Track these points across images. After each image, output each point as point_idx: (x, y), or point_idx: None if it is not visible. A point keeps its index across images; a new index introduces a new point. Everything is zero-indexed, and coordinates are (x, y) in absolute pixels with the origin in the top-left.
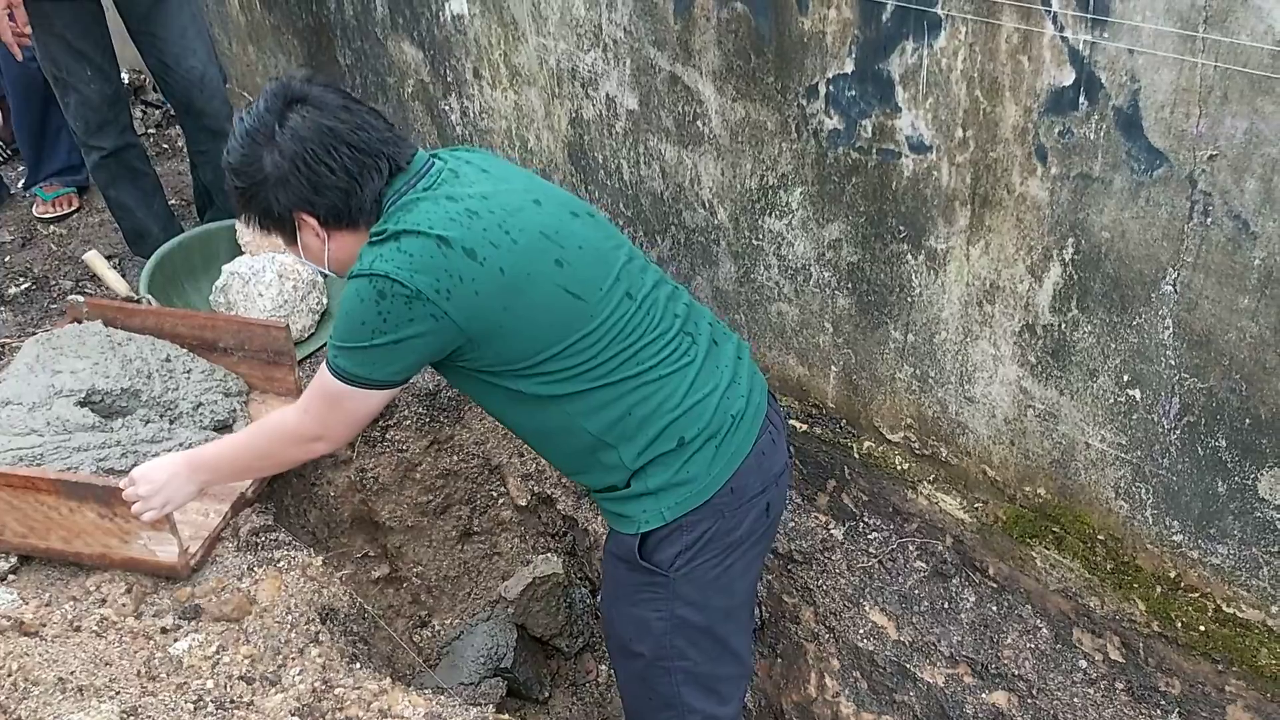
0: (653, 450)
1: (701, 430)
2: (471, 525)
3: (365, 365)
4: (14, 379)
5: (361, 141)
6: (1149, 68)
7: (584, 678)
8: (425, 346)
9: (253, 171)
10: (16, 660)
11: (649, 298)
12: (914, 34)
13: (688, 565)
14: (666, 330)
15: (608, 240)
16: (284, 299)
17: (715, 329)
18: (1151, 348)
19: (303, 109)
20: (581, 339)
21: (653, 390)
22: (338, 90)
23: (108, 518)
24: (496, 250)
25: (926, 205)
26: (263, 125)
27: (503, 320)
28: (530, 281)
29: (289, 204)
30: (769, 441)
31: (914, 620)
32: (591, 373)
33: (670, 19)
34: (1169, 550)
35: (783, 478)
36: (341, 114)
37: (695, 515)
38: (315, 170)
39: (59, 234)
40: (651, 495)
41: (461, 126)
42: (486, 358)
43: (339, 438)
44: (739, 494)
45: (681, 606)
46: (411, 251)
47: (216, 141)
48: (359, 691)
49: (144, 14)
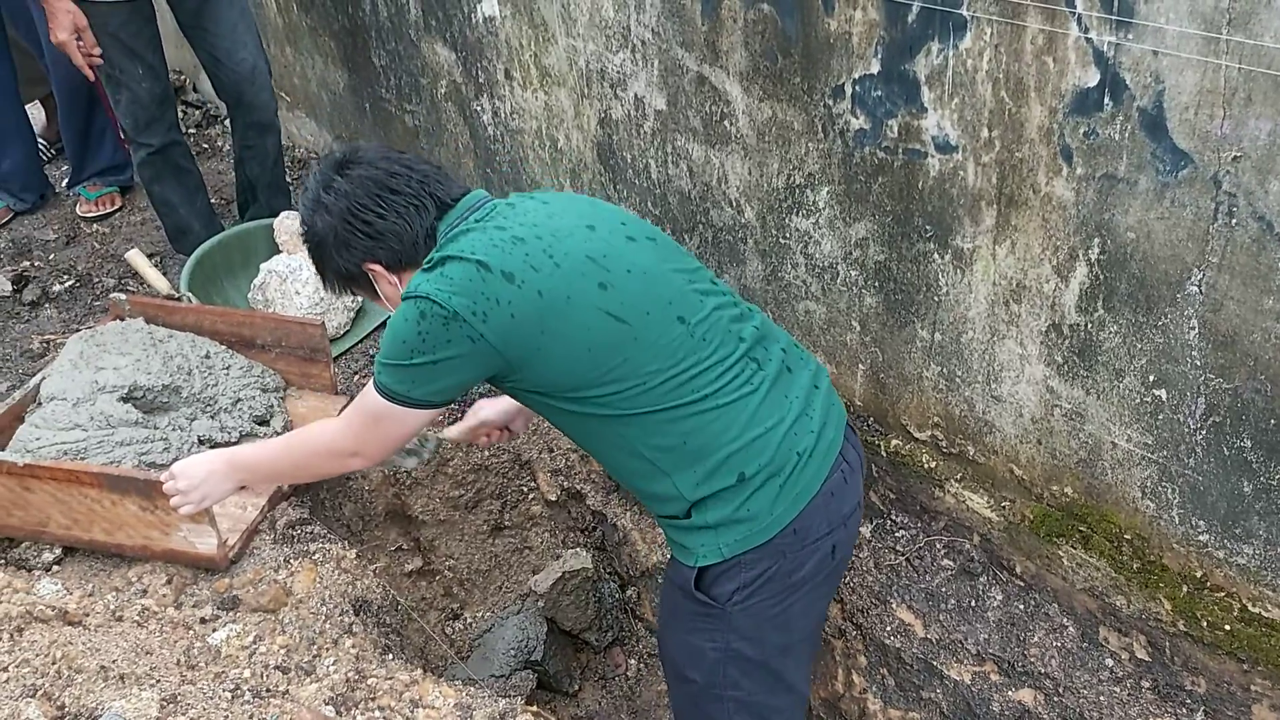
0: (711, 483)
1: (764, 466)
2: (502, 519)
3: (405, 383)
4: (59, 375)
5: (402, 184)
6: (1173, 69)
7: (613, 671)
8: (462, 368)
9: (313, 237)
10: (60, 649)
11: (705, 321)
12: (939, 35)
13: (745, 601)
14: (726, 356)
15: (666, 263)
16: (320, 297)
17: (790, 355)
18: (1177, 348)
19: (348, 169)
20: (624, 362)
21: (709, 419)
22: (382, 146)
23: (149, 510)
24: (536, 274)
25: (953, 205)
26: (313, 194)
27: (540, 343)
28: (569, 304)
29: (355, 259)
30: (840, 481)
31: (941, 618)
32: (641, 398)
33: (698, 20)
34: (1195, 550)
35: (852, 519)
36: (381, 163)
37: (755, 554)
38: (365, 219)
39: (102, 232)
40: (711, 529)
41: (493, 127)
42: (530, 380)
43: (374, 455)
44: (803, 535)
45: (736, 639)
46: (452, 275)
47: (264, 135)
48: (391, 682)
49: (195, 9)
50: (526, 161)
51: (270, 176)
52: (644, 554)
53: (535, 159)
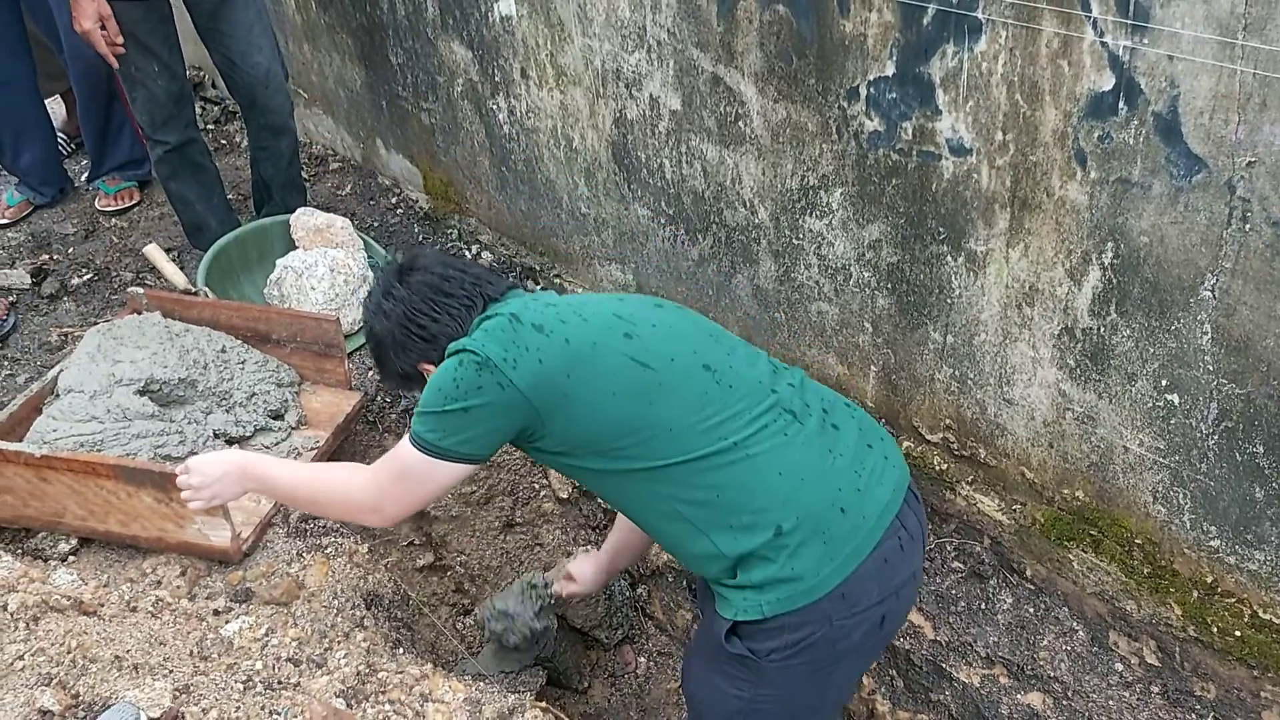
0: (750, 538)
1: (802, 520)
2: (514, 516)
3: (435, 431)
4: (76, 367)
5: (455, 287)
6: (1188, 74)
7: (623, 669)
8: (493, 417)
9: (373, 339)
10: (75, 638)
11: (733, 371)
12: (955, 38)
13: (783, 661)
14: (755, 405)
15: (692, 323)
16: (335, 293)
17: (834, 413)
18: (1190, 353)
19: (408, 276)
20: (650, 409)
21: (740, 470)
22: (441, 253)
23: (164, 502)
24: (565, 325)
25: (966, 207)
26: (375, 300)
27: (567, 388)
28: (595, 351)
29: (411, 361)
30: (895, 547)
31: (951, 620)
32: (668, 446)
33: (713, 21)
34: (1206, 555)
35: (905, 590)
36: (437, 268)
37: (799, 616)
38: (420, 324)
39: (120, 227)
40: (755, 588)
41: (508, 125)
42: (558, 434)
43: (390, 514)
44: (851, 601)
45: (765, 693)
46: (488, 329)
47: (278, 137)
48: (401, 676)
49: (211, 11)
50: (541, 160)
51: (285, 176)
52: (654, 552)
53: (550, 158)
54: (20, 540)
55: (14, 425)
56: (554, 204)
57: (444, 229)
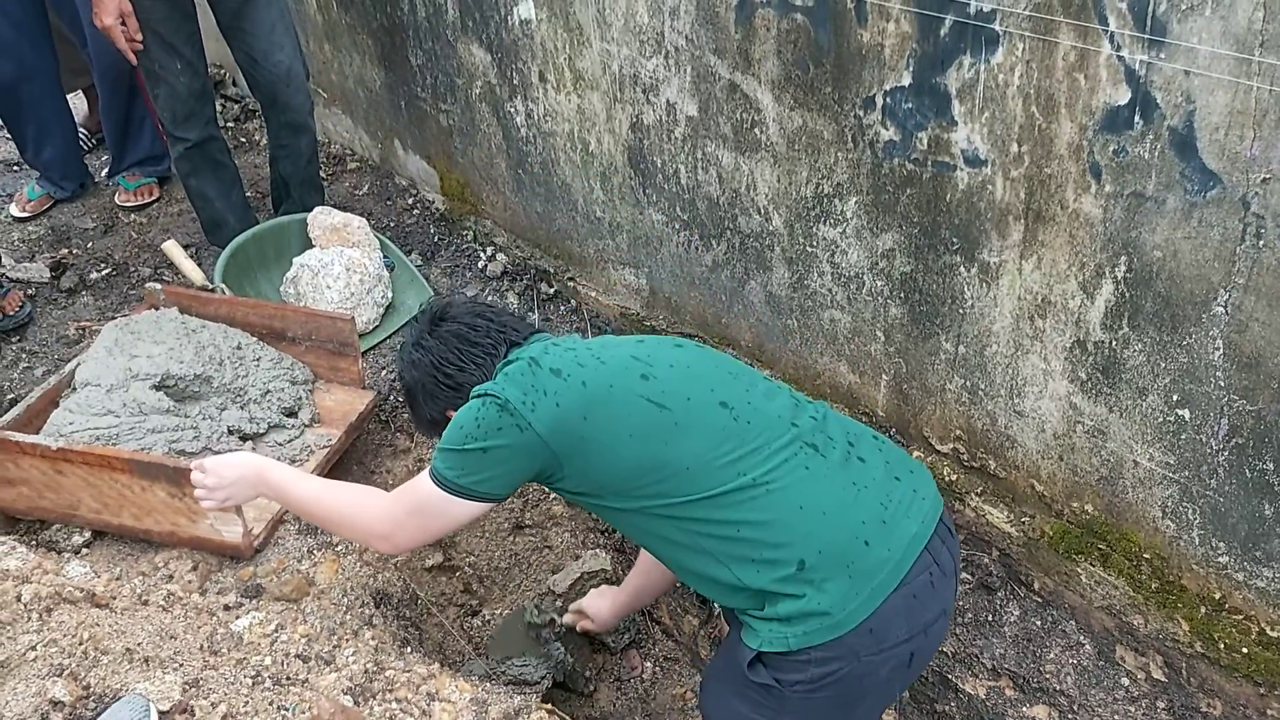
0: (772, 572)
1: (825, 554)
2: (523, 518)
3: (455, 469)
4: (93, 361)
5: (481, 335)
6: (1204, 89)
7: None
8: (511, 459)
9: (405, 388)
10: (88, 630)
11: (750, 408)
12: (971, 49)
13: (807, 694)
14: (774, 439)
15: (710, 362)
16: (351, 292)
17: (859, 445)
18: (1201, 368)
19: (439, 326)
20: (666, 448)
21: (761, 505)
22: (472, 302)
23: (177, 497)
24: (582, 369)
25: (980, 218)
26: (408, 349)
27: (584, 430)
28: (611, 393)
29: (439, 408)
30: (925, 583)
31: (957, 631)
32: (688, 485)
33: (731, 28)
34: (1214, 571)
35: (934, 628)
36: (465, 318)
37: (826, 650)
38: (447, 373)
39: (139, 222)
40: (781, 621)
41: (526, 128)
42: (576, 476)
43: (403, 543)
44: (879, 637)
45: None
46: (509, 373)
47: (297, 136)
48: (409, 675)
49: (235, 10)
50: (558, 164)
51: (304, 175)
52: None
53: (567, 161)
54: (35, 532)
55: (31, 418)
56: (569, 207)
57: (459, 230)
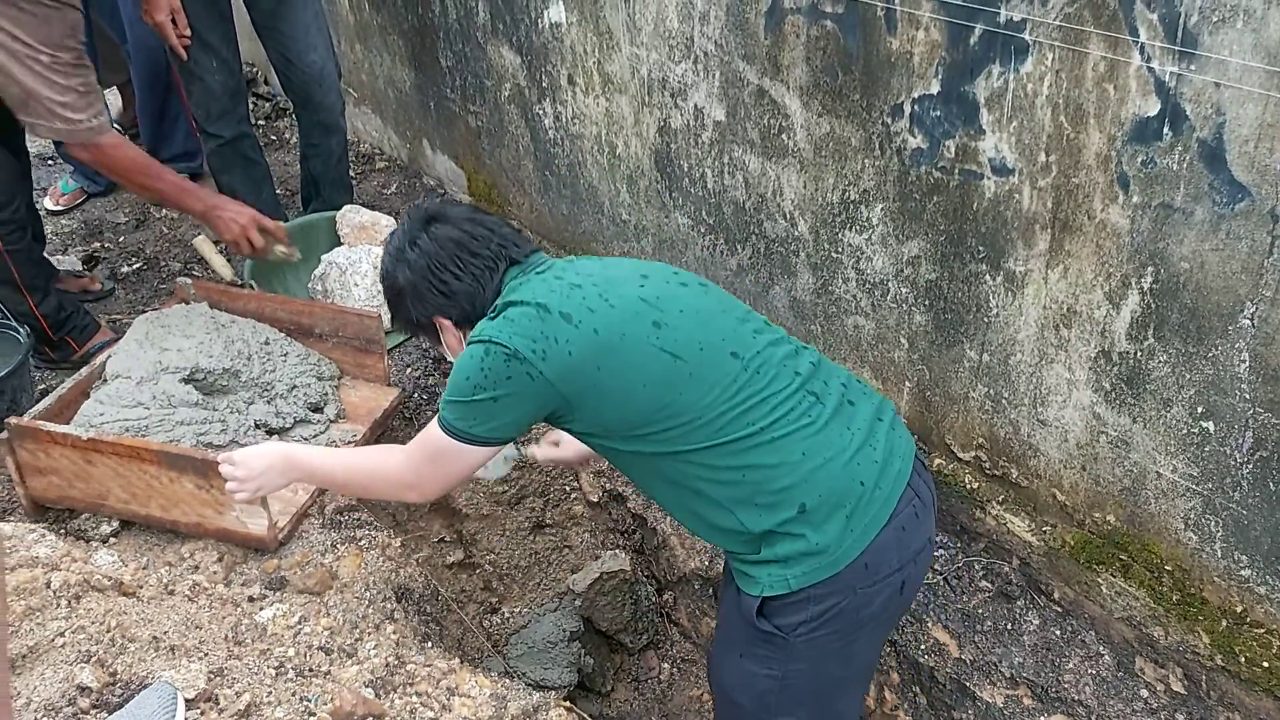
0: (774, 515)
1: (824, 498)
2: (544, 517)
3: (466, 419)
4: (124, 354)
5: (482, 247)
6: (1234, 101)
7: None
8: (522, 405)
9: (392, 285)
10: (115, 618)
11: (759, 357)
12: (1001, 58)
13: (809, 635)
14: (781, 389)
15: (718, 306)
16: (377, 289)
17: (850, 389)
18: (1227, 380)
19: (434, 226)
20: (682, 397)
21: (767, 452)
22: (468, 206)
23: (204, 489)
24: (592, 314)
25: (1006, 227)
26: (399, 245)
27: (597, 379)
28: (625, 341)
29: (426, 312)
30: (910, 515)
31: (976, 639)
32: (699, 432)
33: (760, 34)
34: (1236, 584)
35: (922, 555)
36: (465, 224)
37: (824, 588)
38: (441, 279)
39: (170, 217)
40: (779, 562)
41: (554, 130)
42: (587, 419)
43: (429, 491)
44: (873, 570)
45: (794, 669)
46: (514, 318)
47: (329, 135)
48: (429, 669)
49: (270, 10)
50: (585, 166)
51: (334, 174)
52: (682, 559)
53: (593, 164)
54: (63, 521)
55: (63, 408)
56: (595, 209)
57: None
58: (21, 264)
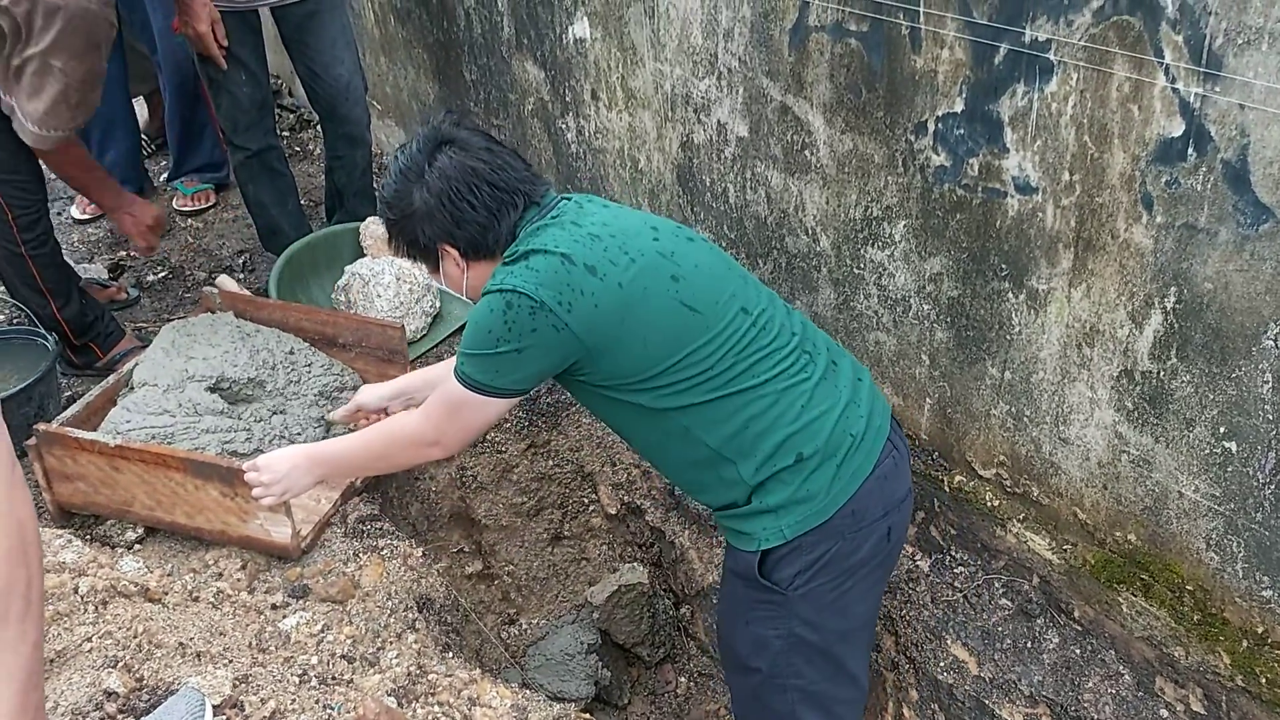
0: (771, 465)
1: (820, 447)
2: (562, 529)
3: (488, 372)
4: (150, 362)
5: (501, 180)
6: (1259, 123)
7: (663, 687)
8: (545, 357)
9: (403, 205)
10: (142, 624)
11: (765, 314)
12: (1025, 78)
13: (806, 585)
14: (783, 345)
15: (721, 262)
16: (400, 300)
17: (833, 350)
18: (1250, 401)
19: (450, 150)
20: (697, 349)
21: (770, 403)
22: (483, 134)
23: (229, 497)
24: (615, 267)
25: (1029, 245)
26: (414, 164)
27: (619, 333)
28: (647, 295)
29: (433, 236)
30: (891, 465)
31: (995, 657)
32: (708, 384)
33: (784, 51)
34: (1258, 605)
35: (905, 504)
36: (484, 154)
37: (815, 535)
38: (458, 206)
39: (195, 227)
40: (771, 513)
41: (576, 145)
42: (604, 371)
43: (452, 444)
44: (859, 517)
45: (799, 625)
46: (538, 268)
47: (354, 148)
48: (450, 679)
49: (298, 24)
50: (607, 180)
51: (358, 185)
52: (700, 573)
53: (615, 178)
54: (89, 527)
55: (90, 415)
56: None
57: None
58: (44, 268)
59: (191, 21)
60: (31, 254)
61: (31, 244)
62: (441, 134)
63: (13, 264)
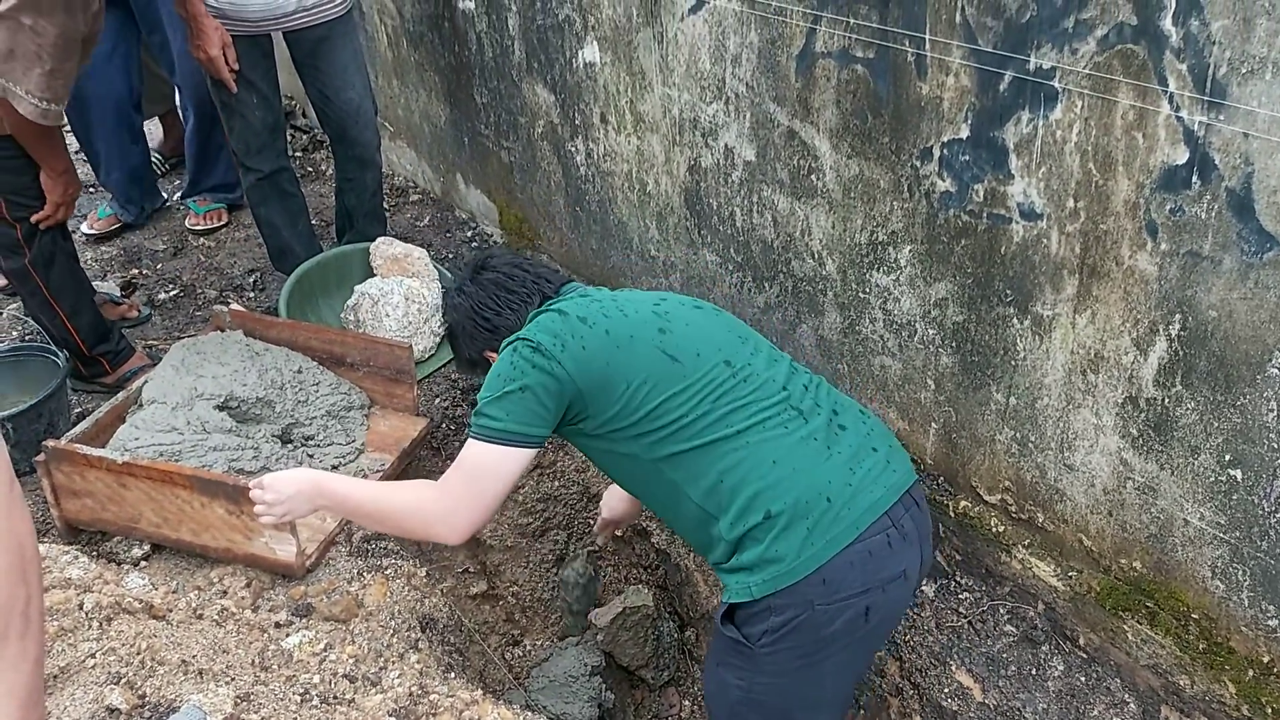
0: (744, 521)
1: (788, 506)
2: (568, 550)
3: (499, 415)
4: (159, 379)
5: (518, 284)
6: (1263, 152)
7: (667, 710)
8: (546, 395)
9: (448, 329)
10: (146, 640)
11: (749, 367)
12: (1030, 105)
13: (772, 646)
14: (764, 398)
15: (720, 324)
16: (409, 320)
17: (843, 415)
18: (1255, 429)
19: (482, 274)
20: (674, 395)
21: (742, 456)
22: (512, 254)
23: (235, 515)
24: (606, 319)
25: (1034, 271)
26: (451, 294)
27: (605, 373)
28: (632, 342)
29: (477, 349)
30: (882, 542)
31: (1000, 684)
32: (683, 431)
33: (791, 77)
34: (1264, 634)
35: (893, 586)
36: (505, 268)
37: (783, 598)
38: (485, 316)
39: (207, 246)
40: (746, 570)
41: (585, 167)
42: (597, 416)
43: (464, 523)
44: (832, 587)
45: (762, 682)
46: (539, 323)
47: (364, 169)
48: (452, 700)
49: (310, 49)
50: (615, 203)
51: (368, 207)
52: (705, 596)
53: (624, 200)
54: (96, 543)
55: (98, 431)
56: (624, 245)
57: None
58: (55, 280)
59: (203, 45)
60: (42, 267)
61: (41, 258)
62: (475, 263)
63: (21, 279)
